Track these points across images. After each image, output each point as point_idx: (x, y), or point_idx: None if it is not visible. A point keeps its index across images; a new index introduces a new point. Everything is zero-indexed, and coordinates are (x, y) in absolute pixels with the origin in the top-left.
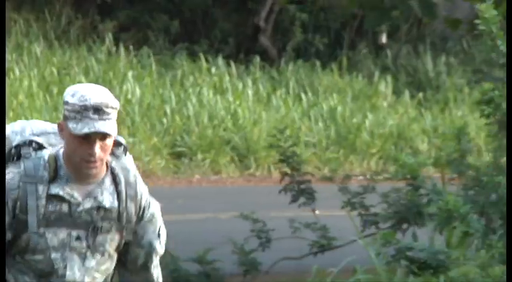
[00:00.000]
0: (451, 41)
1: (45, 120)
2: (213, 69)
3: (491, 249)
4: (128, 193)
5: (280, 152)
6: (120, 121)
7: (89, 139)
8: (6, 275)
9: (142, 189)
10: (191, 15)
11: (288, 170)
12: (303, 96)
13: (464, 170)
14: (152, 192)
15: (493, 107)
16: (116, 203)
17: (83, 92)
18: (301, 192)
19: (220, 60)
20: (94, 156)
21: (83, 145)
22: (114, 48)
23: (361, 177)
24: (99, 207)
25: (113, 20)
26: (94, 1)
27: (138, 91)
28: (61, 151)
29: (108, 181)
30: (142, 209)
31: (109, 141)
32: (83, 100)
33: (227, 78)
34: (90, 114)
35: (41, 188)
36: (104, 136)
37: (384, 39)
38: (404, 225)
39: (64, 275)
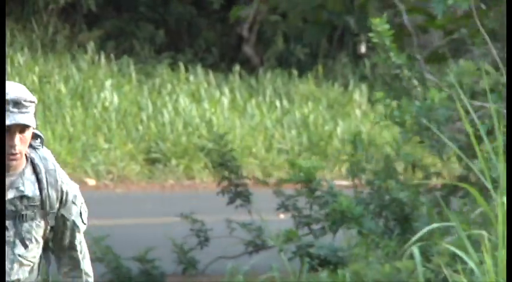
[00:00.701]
0: (429, 50)
1: None
2: (192, 78)
3: (386, 247)
4: (49, 181)
5: (220, 156)
6: (96, 128)
7: (10, 131)
8: None
9: (62, 175)
10: (176, 25)
11: (227, 174)
12: (277, 104)
13: (359, 174)
14: (125, 197)
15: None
16: (37, 192)
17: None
18: (237, 194)
19: (199, 69)
20: (14, 147)
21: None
22: (97, 57)
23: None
24: (22, 197)
25: (100, 29)
26: (81, 11)
27: (116, 99)
28: None
29: (28, 171)
30: (64, 194)
31: (28, 134)
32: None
33: (205, 86)
34: (10, 107)
35: None
36: (23, 128)
37: (363, 49)
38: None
39: None
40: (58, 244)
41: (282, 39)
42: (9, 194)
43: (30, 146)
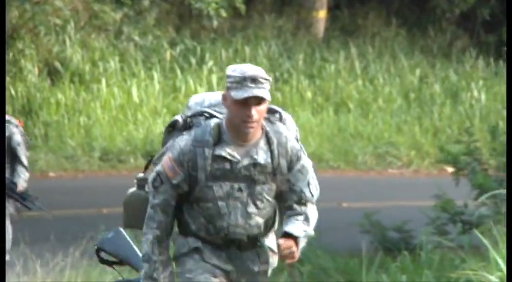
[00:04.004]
0: None
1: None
2: None
3: None
4: (280, 151)
5: None
6: (461, 123)
7: (247, 103)
8: (186, 218)
9: (293, 147)
10: None
11: None
12: None
13: None
14: None
15: None
16: (269, 160)
17: (241, 67)
18: None
19: None
20: (251, 117)
21: (242, 109)
22: (475, 61)
23: None
24: (255, 164)
25: (495, 35)
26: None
27: (483, 97)
28: (224, 120)
29: (262, 142)
30: (292, 162)
31: (263, 107)
32: (242, 73)
33: None
34: (248, 83)
35: (207, 151)
36: (259, 101)
37: None
38: None
39: (229, 219)
40: (285, 206)
41: None
42: (245, 161)
43: (268, 119)
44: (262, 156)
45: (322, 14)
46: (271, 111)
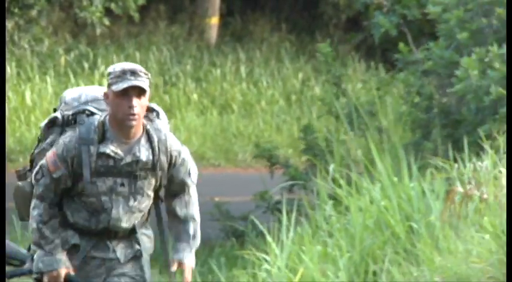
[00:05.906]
0: None
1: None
2: None
3: None
4: (160, 148)
5: None
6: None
7: (128, 95)
8: (65, 211)
9: (172, 143)
10: None
11: None
12: None
13: None
14: None
15: None
16: (150, 157)
17: (120, 64)
18: None
19: None
20: (133, 108)
21: (123, 101)
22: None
23: None
24: (137, 161)
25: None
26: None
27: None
28: (107, 117)
29: (143, 140)
30: (173, 158)
31: (144, 101)
32: (121, 67)
33: None
34: (128, 76)
35: (92, 148)
36: (139, 93)
37: None
38: None
39: (111, 213)
40: (168, 193)
41: None
42: (127, 158)
43: (147, 117)
44: (144, 153)
45: (214, 20)
46: (149, 110)
